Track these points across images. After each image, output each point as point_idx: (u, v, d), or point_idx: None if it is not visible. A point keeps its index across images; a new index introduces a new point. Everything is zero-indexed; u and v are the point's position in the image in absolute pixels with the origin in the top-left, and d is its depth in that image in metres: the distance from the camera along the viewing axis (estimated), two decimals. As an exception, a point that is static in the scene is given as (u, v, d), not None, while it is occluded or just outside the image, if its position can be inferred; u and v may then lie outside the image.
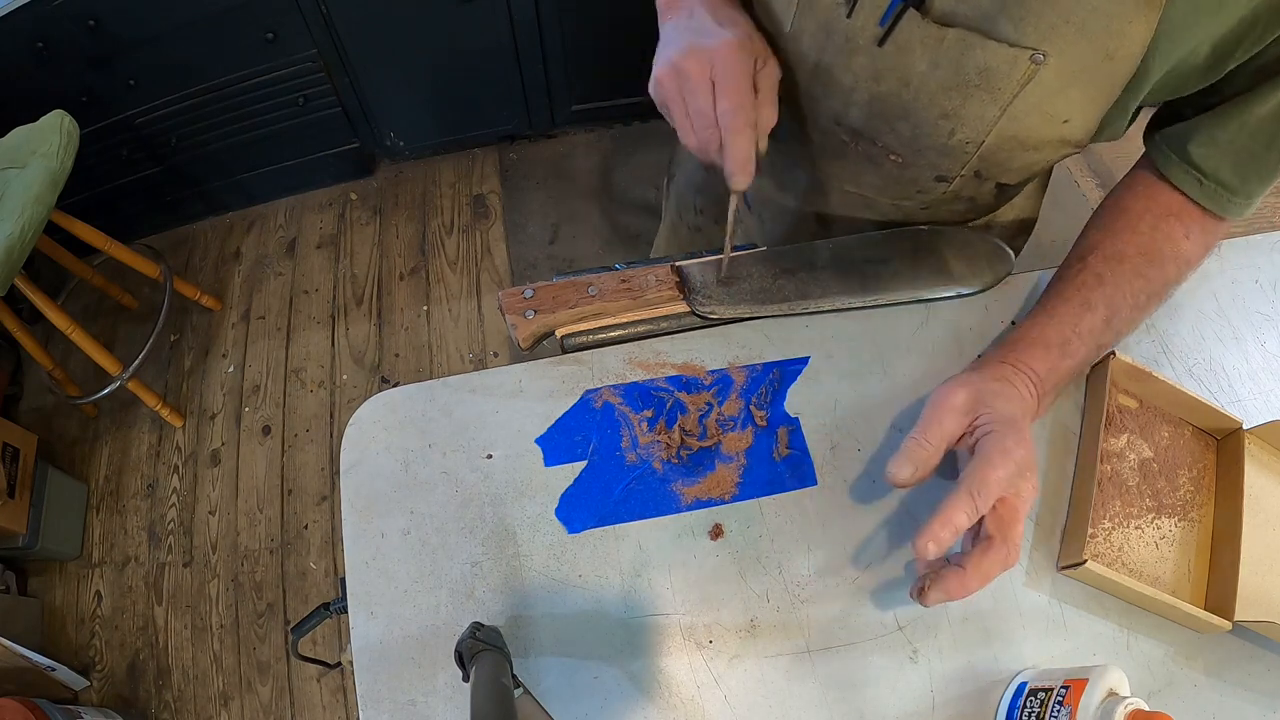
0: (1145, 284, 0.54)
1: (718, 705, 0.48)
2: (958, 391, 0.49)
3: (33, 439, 1.53)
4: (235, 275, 1.89)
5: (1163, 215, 0.54)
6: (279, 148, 1.83)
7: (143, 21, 1.47)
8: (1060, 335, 0.53)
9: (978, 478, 0.45)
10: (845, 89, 0.55)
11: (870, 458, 0.56)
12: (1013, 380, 0.51)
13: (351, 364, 1.75)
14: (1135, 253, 0.54)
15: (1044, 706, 0.45)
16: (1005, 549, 0.45)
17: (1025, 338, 0.53)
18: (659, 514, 0.54)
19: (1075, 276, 0.54)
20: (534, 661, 0.49)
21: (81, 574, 1.56)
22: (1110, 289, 0.53)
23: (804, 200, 0.70)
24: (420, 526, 0.53)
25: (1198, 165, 0.52)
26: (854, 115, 0.57)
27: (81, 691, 1.44)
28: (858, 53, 0.52)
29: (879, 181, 0.62)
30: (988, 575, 0.45)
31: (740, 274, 0.62)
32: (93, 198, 1.73)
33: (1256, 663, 0.51)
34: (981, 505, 0.45)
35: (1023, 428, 0.48)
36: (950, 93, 0.51)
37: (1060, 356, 0.52)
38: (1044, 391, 0.52)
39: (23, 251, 1.25)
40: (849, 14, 0.50)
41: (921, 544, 0.44)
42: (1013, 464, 0.46)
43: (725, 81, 0.50)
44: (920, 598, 0.46)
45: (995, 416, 0.48)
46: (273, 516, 1.59)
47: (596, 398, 0.57)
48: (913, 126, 0.55)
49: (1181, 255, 0.55)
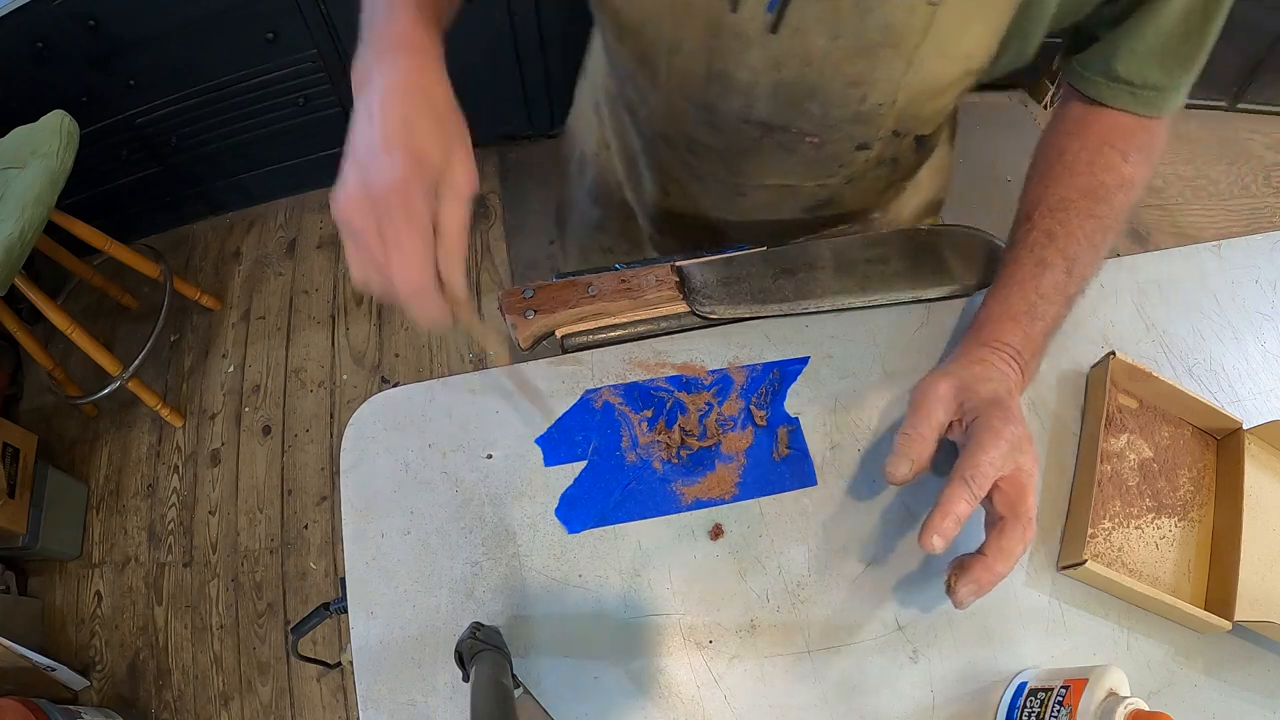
0: (1097, 223, 0.54)
1: (718, 705, 0.48)
2: (939, 382, 0.50)
3: (33, 439, 1.53)
4: (235, 275, 1.89)
5: (1098, 148, 0.55)
6: (279, 148, 1.83)
7: (143, 21, 1.47)
8: (1025, 302, 0.53)
9: (969, 463, 0.45)
10: (745, 86, 0.53)
11: (870, 458, 0.56)
12: (991, 360, 0.51)
13: (351, 364, 1.75)
14: (1079, 195, 0.54)
15: (1044, 706, 0.45)
16: (1019, 525, 0.45)
17: (992, 314, 0.53)
18: (659, 514, 0.54)
19: (1026, 238, 0.54)
20: (534, 661, 0.49)
21: (81, 574, 1.56)
22: (1063, 241, 0.53)
23: (723, 209, 0.69)
24: (420, 526, 0.53)
25: (1125, 78, 0.52)
26: (760, 109, 0.55)
27: (81, 691, 1.44)
28: (751, 46, 0.50)
29: (799, 167, 0.61)
30: (1011, 554, 0.45)
31: (740, 274, 0.62)
32: (93, 198, 1.73)
33: (1256, 663, 0.51)
34: (978, 490, 0.45)
35: (1009, 405, 0.48)
36: (855, 59, 0.49)
37: (1030, 322, 0.52)
38: (1025, 360, 0.52)
39: (23, 251, 1.25)
40: (734, 8, 0.48)
41: (926, 539, 0.44)
42: (1003, 443, 0.46)
43: (390, 235, 0.41)
44: (953, 598, 0.46)
45: (980, 400, 0.48)
46: (273, 516, 1.59)
47: (596, 398, 0.57)
48: (823, 104, 0.53)
49: (1126, 181, 0.55)
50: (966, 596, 0.45)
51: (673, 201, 0.71)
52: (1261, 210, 1.89)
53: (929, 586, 0.52)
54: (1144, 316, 0.63)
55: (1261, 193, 1.92)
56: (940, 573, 0.52)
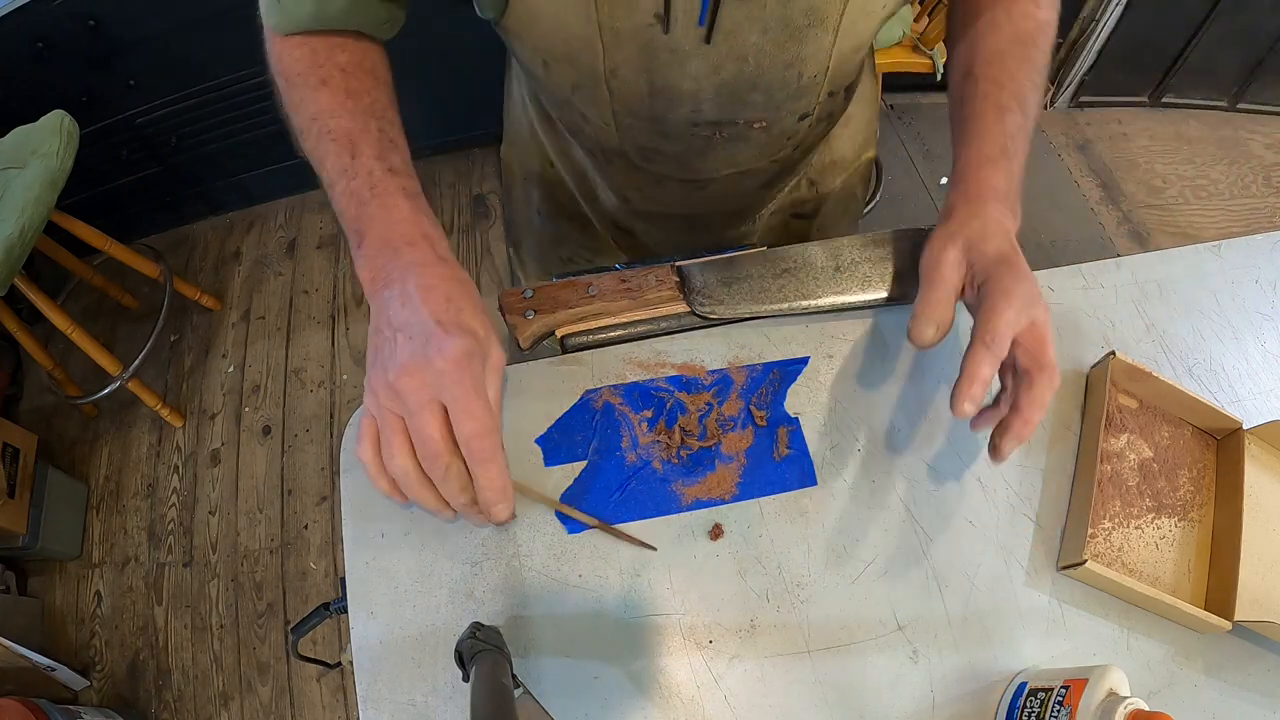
0: (1031, 66, 0.57)
1: (718, 705, 0.48)
2: (947, 248, 0.51)
3: (33, 439, 1.53)
4: (235, 275, 1.89)
5: (1010, 3, 0.58)
6: (279, 148, 1.83)
7: (143, 21, 1.47)
8: (998, 144, 0.54)
9: (989, 327, 0.47)
10: (689, 94, 0.54)
11: (870, 458, 0.56)
12: (986, 212, 0.52)
13: (351, 364, 1.75)
14: (1010, 43, 0.57)
15: (1044, 706, 0.45)
16: (1045, 374, 0.47)
17: (971, 164, 0.54)
18: (659, 514, 0.54)
19: (976, 90, 0.56)
20: (534, 661, 0.49)
21: (81, 574, 1.56)
22: (1010, 86, 0.56)
23: (685, 204, 0.70)
24: (420, 526, 0.53)
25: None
26: (706, 110, 0.56)
27: (81, 691, 1.44)
28: (688, 59, 0.51)
29: (753, 151, 0.63)
30: (1042, 402, 0.46)
31: (740, 274, 0.62)
32: (93, 198, 1.73)
33: (1256, 663, 0.51)
34: (999, 351, 0.46)
35: (1016, 262, 0.49)
36: (787, 45, 0.51)
37: (1009, 161, 0.54)
38: (1012, 200, 0.53)
39: (23, 251, 1.25)
40: (666, 29, 0.49)
41: (959, 404, 0.46)
42: (1017, 301, 0.47)
43: (459, 400, 0.43)
44: (993, 454, 0.48)
45: (989, 259, 0.49)
46: (273, 516, 1.59)
47: (596, 398, 0.57)
48: (765, 91, 0.55)
49: (1044, 24, 0.58)
50: (1009, 449, 0.48)
51: (634, 206, 0.72)
52: (1261, 210, 1.89)
53: (929, 586, 0.52)
54: (1144, 316, 0.63)
55: (1261, 193, 1.92)
56: (938, 569, 0.52)
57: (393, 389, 0.43)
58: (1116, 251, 1.84)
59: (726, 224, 0.76)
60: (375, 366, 0.45)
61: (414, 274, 0.45)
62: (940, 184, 1.89)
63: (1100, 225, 1.88)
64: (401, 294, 0.45)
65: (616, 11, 0.48)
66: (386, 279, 0.46)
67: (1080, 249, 1.79)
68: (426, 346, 0.43)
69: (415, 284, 0.45)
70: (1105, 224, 1.88)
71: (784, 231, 0.80)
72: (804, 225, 0.80)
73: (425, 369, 0.43)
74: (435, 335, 0.43)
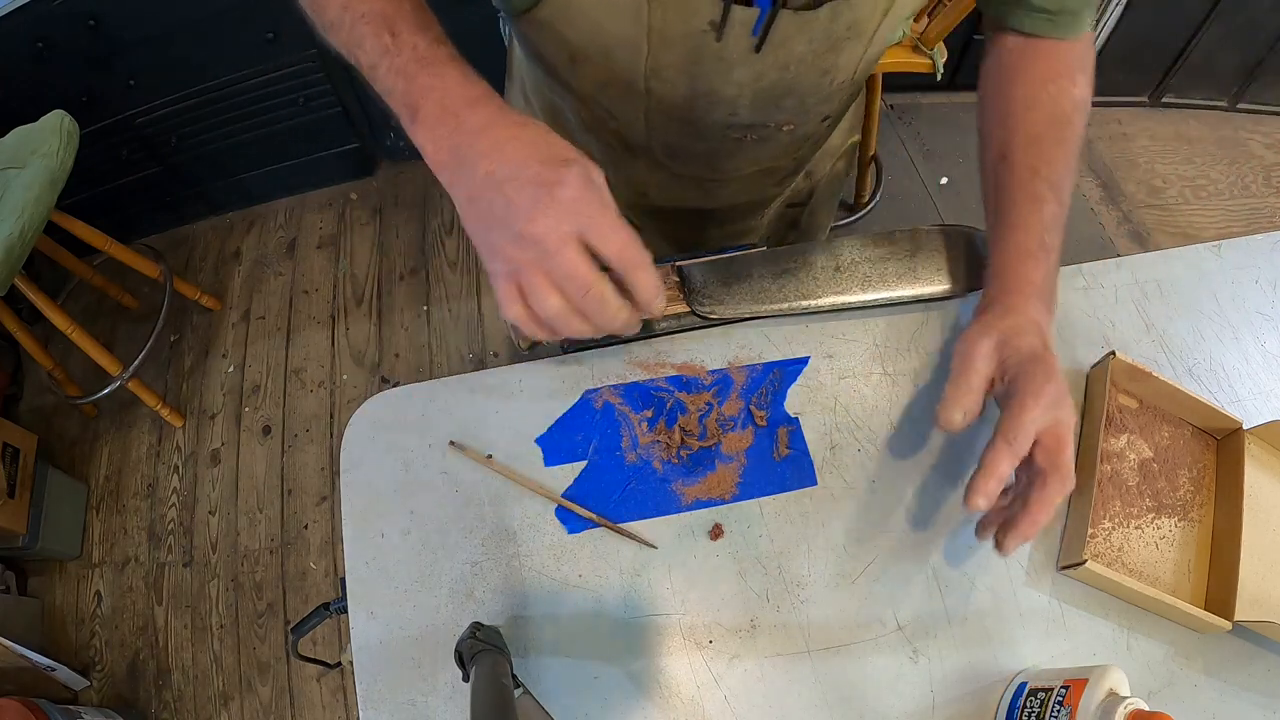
0: (1066, 149, 0.57)
1: (718, 705, 0.48)
2: (981, 340, 0.51)
3: (33, 439, 1.53)
4: (235, 275, 1.89)
5: (1043, 83, 0.57)
6: (279, 148, 1.83)
7: (143, 21, 1.47)
8: (1036, 238, 0.54)
9: (1013, 424, 0.47)
10: (729, 99, 0.55)
11: (870, 458, 0.56)
12: (1023, 308, 0.52)
13: (351, 364, 1.75)
14: (1046, 127, 0.57)
15: (1044, 706, 0.45)
16: (1059, 476, 0.47)
17: (1009, 259, 0.54)
18: (659, 514, 0.54)
19: (1012, 177, 0.56)
20: (534, 661, 0.49)
21: (81, 574, 1.56)
22: (1046, 172, 0.55)
23: (701, 199, 0.71)
24: (420, 527, 0.53)
25: (1041, 6, 0.55)
26: (742, 114, 0.57)
27: (81, 691, 1.44)
28: (735, 66, 0.52)
29: (776, 150, 0.64)
30: (1051, 504, 0.47)
31: (740, 274, 0.62)
32: (93, 198, 1.73)
33: (1256, 663, 0.51)
34: (1019, 450, 0.47)
35: (1047, 359, 0.49)
36: (825, 55, 0.53)
37: (1045, 256, 0.54)
38: (1048, 295, 0.54)
39: (23, 251, 1.25)
40: (719, 38, 0.50)
41: (972, 499, 0.47)
42: (1045, 401, 0.47)
43: (598, 223, 0.43)
44: (999, 549, 0.48)
45: (1021, 355, 0.49)
46: (273, 516, 1.59)
47: (596, 398, 0.57)
48: (798, 97, 0.56)
49: (1080, 103, 0.58)
50: (1013, 546, 0.47)
51: (650, 201, 0.73)
52: (1261, 210, 1.89)
53: (929, 586, 0.52)
54: (1144, 316, 0.63)
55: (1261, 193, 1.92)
56: (938, 569, 0.52)
57: (523, 238, 0.42)
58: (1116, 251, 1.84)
59: (737, 218, 0.76)
60: (492, 229, 0.44)
61: (489, 130, 0.44)
62: (940, 184, 1.89)
63: (1100, 225, 1.88)
64: (488, 151, 0.43)
65: (670, 16, 0.49)
66: (455, 145, 0.44)
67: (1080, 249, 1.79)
68: (543, 188, 0.42)
69: (497, 137, 0.43)
70: (1105, 224, 1.88)
71: (779, 221, 0.81)
72: (796, 212, 0.82)
73: (553, 207, 0.42)
74: (545, 174, 0.42)
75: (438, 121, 0.45)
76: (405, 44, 0.46)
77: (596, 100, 0.60)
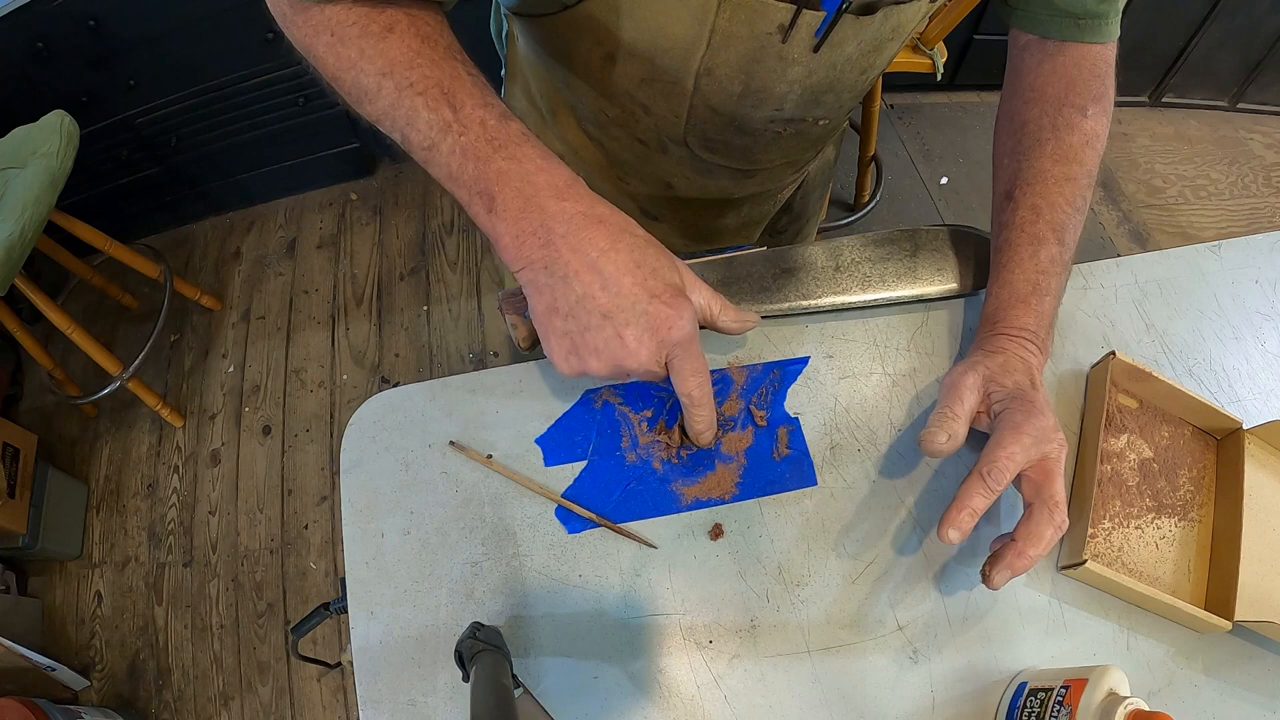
0: (1074, 186, 0.55)
1: (718, 705, 0.48)
2: (967, 374, 0.51)
3: (33, 439, 1.53)
4: (235, 275, 1.89)
5: (1057, 110, 0.56)
6: (279, 148, 1.83)
7: (143, 21, 1.47)
8: (1029, 282, 0.54)
9: (988, 460, 0.47)
10: (779, 95, 0.55)
11: (870, 458, 0.56)
12: (1010, 349, 0.52)
13: (351, 364, 1.75)
14: (1052, 163, 0.56)
15: (1044, 706, 0.45)
16: (1047, 510, 0.46)
17: (1001, 303, 0.54)
18: (659, 514, 0.54)
19: (1014, 218, 0.56)
20: (534, 661, 0.49)
21: (81, 574, 1.56)
22: (1048, 213, 0.55)
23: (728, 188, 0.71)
24: (420, 526, 0.53)
25: (1066, 9, 0.55)
26: (787, 110, 0.58)
27: (81, 691, 1.44)
28: (792, 65, 0.52)
29: (806, 143, 0.66)
30: (1040, 538, 0.46)
31: (740, 274, 0.62)
32: (93, 198, 1.73)
33: (1256, 663, 0.51)
34: (994, 485, 0.46)
35: (1033, 398, 0.49)
36: (869, 54, 0.54)
37: (1039, 300, 0.54)
38: (1041, 339, 0.53)
39: (23, 251, 1.25)
40: (784, 39, 0.50)
41: (944, 532, 0.46)
42: (1025, 438, 0.47)
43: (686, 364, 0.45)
44: (988, 584, 0.47)
45: (1006, 392, 0.50)
46: (273, 516, 1.59)
47: (596, 398, 0.57)
48: (837, 93, 0.58)
49: (1090, 136, 0.56)
50: (1001, 581, 0.47)
51: (675, 192, 0.73)
52: (1261, 210, 1.89)
53: (929, 586, 0.52)
54: (1144, 316, 0.63)
55: (1261, 193, 1.92)
56: (938, 569, 0.52)
57: (618, 367, 0.43)
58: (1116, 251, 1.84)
59: (755, 204, 0.77)
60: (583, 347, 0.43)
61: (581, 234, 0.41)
62: (940, 184, 1.89)
63: (1100, 225, 1.88)
64: (583, 272, 0.41)
65: (738, 17, 0.48)
66: (546, 243, 0.41)
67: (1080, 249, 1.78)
68: (650, 331, 0.42)
69: (594, 255, 0.41)
70: (1105, 224, 1.88)
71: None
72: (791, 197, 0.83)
73: (657, 348, 0.43)
74: (658, 315, 0.42)
75: (521, 215, 0.41)
76: (471, 120, 0.42)
77: (632, 96, 0.59)
